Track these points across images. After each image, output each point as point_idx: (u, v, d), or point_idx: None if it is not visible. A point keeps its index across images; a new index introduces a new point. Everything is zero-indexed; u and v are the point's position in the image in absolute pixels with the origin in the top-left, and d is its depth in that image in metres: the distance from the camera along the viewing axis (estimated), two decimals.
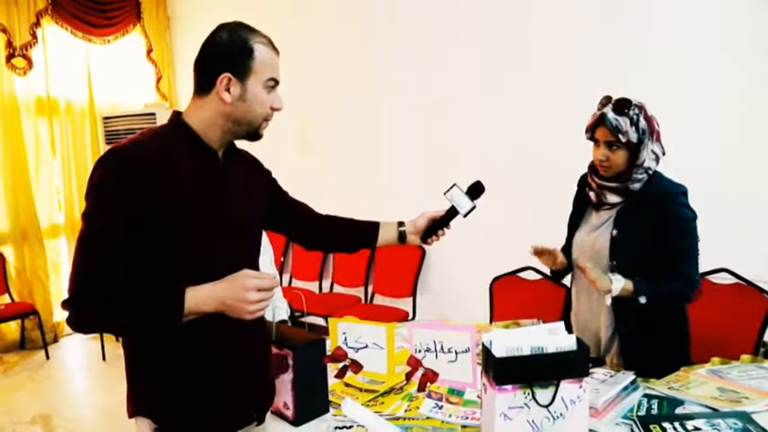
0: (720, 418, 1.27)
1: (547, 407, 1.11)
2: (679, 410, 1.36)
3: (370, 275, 3.97)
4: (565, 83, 2.97)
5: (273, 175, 1.41)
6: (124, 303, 1.04)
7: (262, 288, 1.07)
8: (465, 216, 1.44)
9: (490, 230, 2.97)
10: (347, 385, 1.51)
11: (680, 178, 1.60)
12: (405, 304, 3.71)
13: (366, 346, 1.28)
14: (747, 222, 2.48)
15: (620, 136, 1.49)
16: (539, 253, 1.68)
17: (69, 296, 1.05)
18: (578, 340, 1.18)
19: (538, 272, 2.56)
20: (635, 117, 1.49)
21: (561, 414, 1.13)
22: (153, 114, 4.42)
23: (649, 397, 1.44)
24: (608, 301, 1.54)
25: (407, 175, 3.67)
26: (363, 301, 3.93)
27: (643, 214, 1.53)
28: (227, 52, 1.10)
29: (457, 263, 3.53)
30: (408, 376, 1.29)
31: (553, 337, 1.19)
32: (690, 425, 1.24)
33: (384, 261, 3.88)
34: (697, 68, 2.60)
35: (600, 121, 1.52)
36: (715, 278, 2.25)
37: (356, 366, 1.30)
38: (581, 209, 1.71)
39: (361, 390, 1.50)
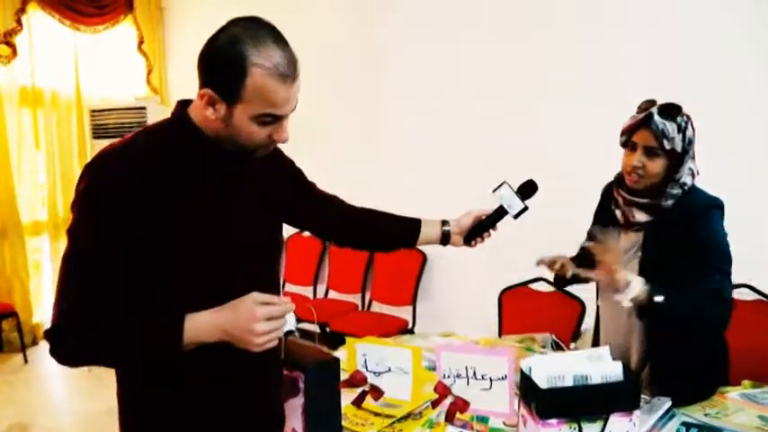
0: None
1: None
2: None
3: (367, 281, 3.85)
4: (584, 88, 2.87)
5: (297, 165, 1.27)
6: (116, 334, 0.92)
7: (272, 317, 0.93)
8: (516, 218, 1.34)
9: (498, 236, 2.87)
10: (360, 408, 1.40)
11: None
12: (404, 313, 3.60)
13: (389, 370, 1.17)
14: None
15: (665, 142, 1.36)
16: (548, 264, 1.56)
17: (53, 325, 0.91)
18: (625, 367, 1.09)
19: (550, 283, 2.46)
20: (683, 124, 1.38)
21: None
22: (143, 108, 4.27)
23: (687, 425, 1.35)
24: (626, 303, 1.35)
25: (417, 173, 3.55)
26: (360, 309, 3.82)
27: (674, 233, 1.40)
28: (216, 66, 0.91)
29: (460, 271, 3.42)
30: (435, 404, 1.19)
31: (598, 365, 1.10)
32: None
33: (383, 266, 3.76)
34: (732, 80, 2.52)
35: (644, 122, 1.38)
36: (736, 294, 2.17)
37: (376, 392, 1.19)
38: (604, 225, 1.58)
39: (375, 414, 1.40)
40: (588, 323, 2.38)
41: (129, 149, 0.94)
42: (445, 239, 1.38)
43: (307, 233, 4.05)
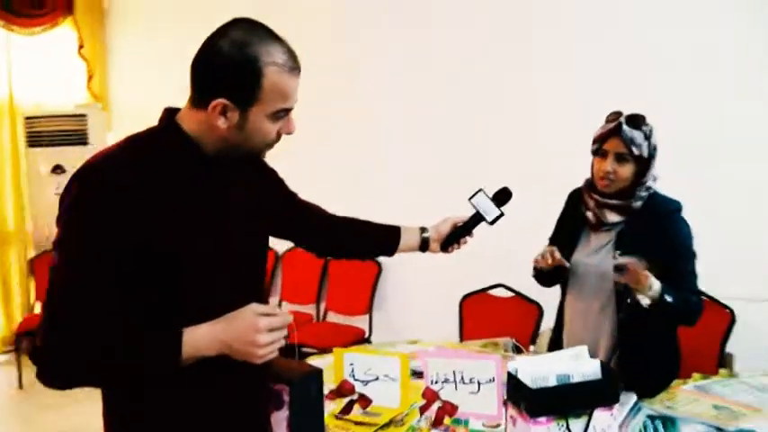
0: None
1: None
2: (686, 431, 1.36)
3: (322, 291, 3.83)
4: (548, 96, 2.98)
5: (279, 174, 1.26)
6: (111, 350, 0.88)
7: (273, 328, 0.92)
8: (492, 224, 1.38)
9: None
10: (339, 419, 1.40)
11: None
12: (360, 322, 3.60)
13: (376, 379, 1.18)
14: (706, 239, 2.60)
15: (634, 149, 1.49)
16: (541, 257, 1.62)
17: (42, 344, 0.86)
18: (602, 365, 1.16)
19: (509, 289, 2.55)
20: (648, 132, 1.51)
21: None
22: (84, 116, 4.07)
23: (652, 418, 1.44)
24: (645, 302, 1.45)
25: (393, 179, 3.51)
26: (315, 320, 3.79)
27: (644, 233, 1.53)
28: (228, 74, 0.88)
29: (416, 279, 3.46)
30: (423, 410, 1.21)
31: (578, 364, 1.16)
32: None
33: (337, 276, 3.75)
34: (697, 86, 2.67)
35: (614, 132, 1.50)
36: None
37: (365, 401, 1.20)
38: (573, 228, 1.69)
39: (357, 423, 1.40)
40: (546, 326, 2.49)
41: (118, 158, 0.91)
42: (424, 246, 1.40)
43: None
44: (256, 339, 0.90)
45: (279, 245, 4.02)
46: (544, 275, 1.71)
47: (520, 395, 1.08)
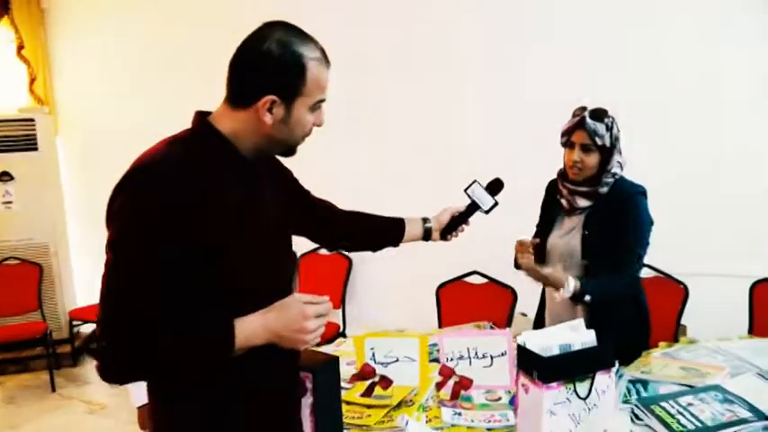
0: (702, 392, 1.46)
1: (585, 399, 1.21)
2: (662, 390, 1.54)
3: (292, 288, 3.86)
4: (516, 94, 3.14)
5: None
6: (168, 343, 0.92)
7: (320, 314, 1.00)
8: (487, 213, 1.49)
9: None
10: (349, 404, 1.48)
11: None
12: (333, 317, 3.67)
13: (396, 360, 1.28)
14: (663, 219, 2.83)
15: (597, 139, 1.67)
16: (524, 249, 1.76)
17: (100, 340, 0.90)
18: (597, 333, 1.30)
19: (484, 276, 2.70)
20: (609, 124, 1.69)
21: (595, 404, 1.23)
22: (32, 120, 3.92)
23: (633, 382, 1.61)
24: (557, 298, 1.65)
25: (391, 174, 3.55)
26: None
27: (609, 215, 1.71)
28: (278, 71, 0.96)
29: (386, 272, 3.56)
30: (440, 385, 1.31)
31: (577, 335, 1.30)
32: (683, 401, 1.41)
33: (308, 272, 3.80)
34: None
35: (579, 125, 1.68)
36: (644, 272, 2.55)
37: (386, 382, 1.29)
38: (551, 214, 1.86)
39: (368, 407, 1.49)
40: (519, 309, 2.66)
41: (166, 161, 0.95)
42: (426, 235, 1.51)
43: None
44: (305, 326, 0.97)
45: None
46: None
47: (531, 364, 1.20)
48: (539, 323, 1.95)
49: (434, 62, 3.36)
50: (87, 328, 4.36)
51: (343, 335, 3.59)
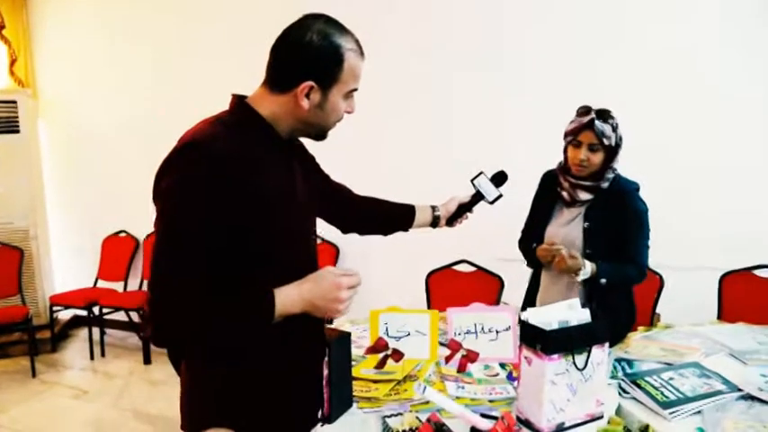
0: (681, 368, 1.61)
1: (581, 370, 1.33)
2: (645, 368, 1.68)
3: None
4: (508, 92, 3.26)
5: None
6: (216, 309, 1.00)
7: (352, 285, 1.09)
8: (492, 203, 1.60)
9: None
10: (356, 379, 1.58)
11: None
12: None
13: (408, 334, 1.38)
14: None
15: (605, 140, 1.77)
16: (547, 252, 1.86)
17: (152, 306, 0.97)
18: (592, 312, 1.43)
19: (472, 264, 2.82)
20: (615, 125, 1.80)
21: (590, 375, 1.35)
22: (13, 102, 3.87)
23: (619, 360, 1.75)
24: (579, 279, 1.78)
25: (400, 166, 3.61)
26: None
27: (609, 208, 1.83)
28: (318, 60, 1.04)
29: (374, 259, 3.64)
30: (448, 359, 1.42)
31: (573, 312, 1.42)
32: (665, 376, 1.55)
33: None
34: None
35: (588, 125, 1.78)
36: None
37: (398, 354, 1.39)
38: (547, 205, 1.98)
39: (374, 381, 1.58)
40: (505, 296, 2.79)
41: (213, 139, 1.01)
42: (435, 223, 1.61)
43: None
44: (339, 296, 1.06)
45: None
46: (536, 261, 1.96)
47: (535, 338, 1.31)
48: (529, 299, 2.07)
49: (434, 57, 3.45)
50: (67, 314, 4.34)
51: (330, 321, 3.66)
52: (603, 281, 1.80)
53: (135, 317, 4.17)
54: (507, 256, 3.01)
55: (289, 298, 1.05)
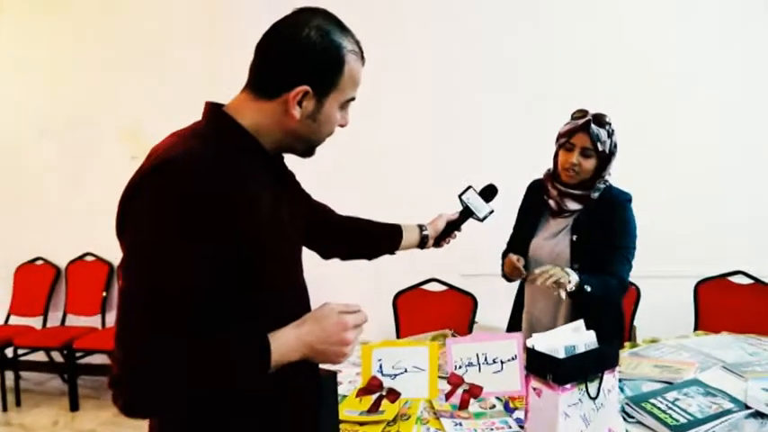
0: (684, 387, 1.61)
1: (594, 399, 1.28)
2: (645, 388, 1.66)
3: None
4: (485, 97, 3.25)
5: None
6: (200, 368, 0.85)
7: (358, 324, 0.99)
8: (482, 221, 1.54)
9: None
10: (341, 422, 1.48)
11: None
12: None
13: (405, 371, 1.29)
14: None
15: (599, 144, 1.75)
16: (514, 269, 1.84)
17: (124, 368, 0.81)
18: (598, 335, 1.39)
19: (443, 283, 2.77)
20: (611, 131, 1.79)
21: (602, 404, 1.31)
22: None
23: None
24: (563, 294, 1.73)
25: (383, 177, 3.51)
26: None
27: (598, 220, 1.82)
28: (315, 61, 0.93)
29: (336, 279, 3.50)
30: (449, 395, 1.34)
31: (579, 336, 1.38)
32: (669, 397, 1.54)
33: None
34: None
35: (583, 128, 1.75)
36: None
37: (393, 395, 1.29)
38: (533, 216, 1.94)
39: (360, 424, 1.48)
40: (480, 316, 2.76)
41: (188, 157, 0.87)
42: (423, 243, 1.53)
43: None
44: (344, 337, 0.95)
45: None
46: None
47: (544, 367, 1.26)
48: (513, 326, 2.03)
49: (425, 63, 3.41)
50: None
51: None
52: (588, 288, 1.75)
53: (57, 356, 3.83)
54: (477, 271, 3.02)
55: (286, 344, 0.93)
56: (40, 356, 3.85)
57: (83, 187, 3.89)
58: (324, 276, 3.44)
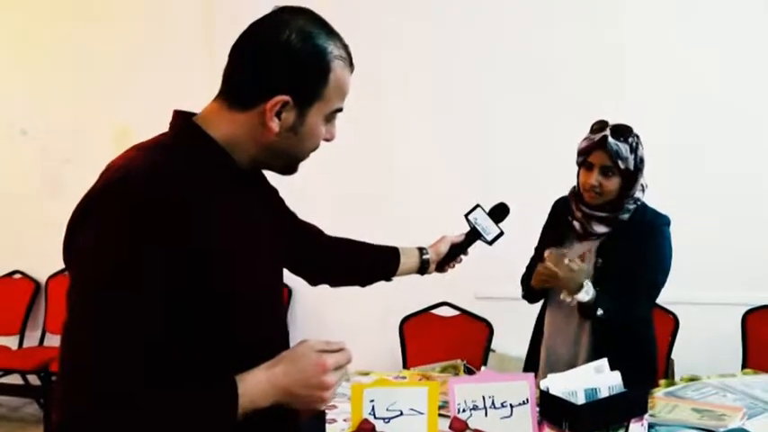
0: None
1: None
2: None
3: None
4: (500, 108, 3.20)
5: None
6: (160, 417, 0.81)
7: (341, 365, 0.92)
8: (491, 243, 1.48)
9: None
10: None
11: None
12: None
13: (400, 414, 1.23)
14: None
15: (620, 162, 1.66)
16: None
17: (71, 417, 0.78)
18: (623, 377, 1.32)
19: (454, 307, 2.70)
20: (634, 144, 1.69)
21: None
22: None
23: (649, 425, 1.64)
24: (572, 303, 1.69)
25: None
26: None
27: (628, 244, 1.73)
28: (296, 67, 0.89)
29: (334, 302, 3.48)
30: None
31: (602, 377, 1.31)
32: None
33: None
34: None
35: (599, 144, 1.67)
36: None
37: None
38: (557, 236, 1.86)
39: None
40: (495, 343, 2.68)
41: (151, 173, 0.83)
42: (424, 268, 1.48)
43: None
44: (325, 381, 0.89)
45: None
46: (535, 292, 1.86)
47: (560, 413, 1.19)
48: (532, 358, 1.96)
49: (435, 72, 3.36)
50: None
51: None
52: (600, 312, 1.69)
53: (34, 379, 3.82)
54: (494, 294, 2.95)
55: (257, 387, 0.87)
56: (14, 379, 3.83)
57: (65, 194, 3.90)
58: (321, 298, 3.44)
